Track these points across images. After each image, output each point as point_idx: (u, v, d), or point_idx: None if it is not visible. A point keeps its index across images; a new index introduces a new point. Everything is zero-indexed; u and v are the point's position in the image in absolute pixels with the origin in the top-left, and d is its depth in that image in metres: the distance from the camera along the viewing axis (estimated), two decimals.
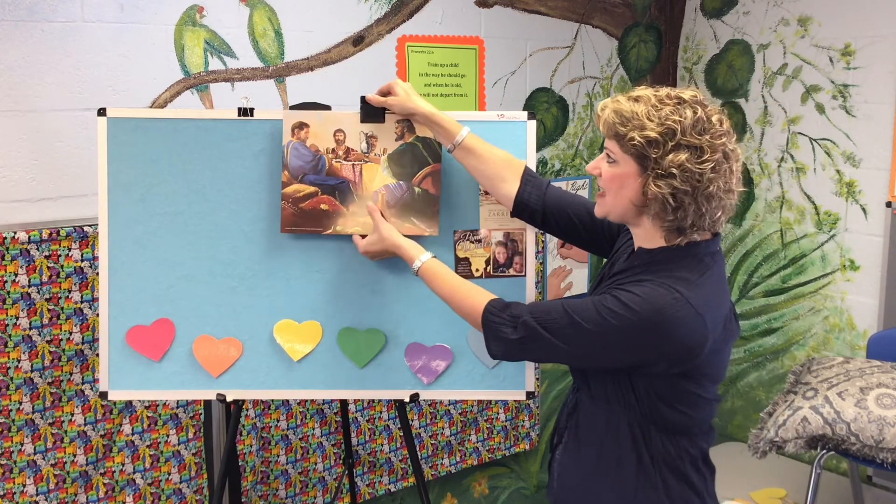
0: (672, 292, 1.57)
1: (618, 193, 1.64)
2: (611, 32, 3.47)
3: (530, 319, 1.67)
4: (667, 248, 1.64)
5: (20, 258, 2.25)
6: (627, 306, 1.56)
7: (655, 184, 1.57)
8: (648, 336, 1.56)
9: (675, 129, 1.55)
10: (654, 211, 1.61)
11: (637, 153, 1.58)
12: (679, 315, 1.55)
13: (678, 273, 1.60)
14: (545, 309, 1.67)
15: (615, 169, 1.63)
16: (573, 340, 1.62)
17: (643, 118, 1.57)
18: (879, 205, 3.17)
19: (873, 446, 2.47)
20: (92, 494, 2.44)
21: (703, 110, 1.58)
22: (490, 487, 3.37)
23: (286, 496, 2.79)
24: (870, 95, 3.15)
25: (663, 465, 1.68)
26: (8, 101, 2.24)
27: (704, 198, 1.57)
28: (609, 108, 1.63)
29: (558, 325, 1.63)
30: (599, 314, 1.59)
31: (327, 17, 2.72)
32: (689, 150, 1.55)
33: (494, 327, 1.72)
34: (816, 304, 3.38)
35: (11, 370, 2.27)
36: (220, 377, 2.15)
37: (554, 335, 1.63)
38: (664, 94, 1.60)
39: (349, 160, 2.07)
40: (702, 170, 1.55)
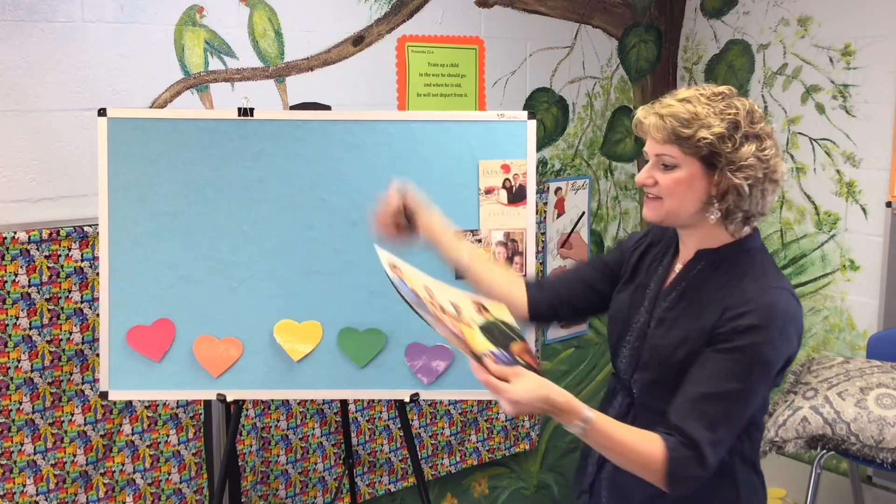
0: (780, 291, 1.59)
1: (684, 196, 1.62)
2: (611, 32, 3.46)
3: (703, 436, 1.54)
4: (731, 245, 1.66)
5: (20, 258, 2.25)
6: (760, 327, 1.55)
7: (735, 176, 1.58)
8: (787, 340, 1.58)
9: (737, 122, 1.59)
10: (728, 203, 1.61)
11: (707, 152, 1.58)
12: (795, 308, 1.60)
13: (764, 268, 1.64)
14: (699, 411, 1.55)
15: (677, 174, 1.61)
16: (745, 405, 1.58)
17: (705, 117, 1.58)
18: (879, 205, 3.17)
19: (873, 446, 2.47)
20: (92, 494, 2.44)
21: (747, 102, 1.64)
22: (490, 487, 3.37)
23: (286, 496, 2.79)
24: (870, 95, 3.15)
25: (738, 457, 1.68)
26: (8, 101, 2.23)
27: (771, 182, 1.62)
28: (661, 114, 1.60)
29: (724, 413, 1.56)
30: (746, 359, 1.55)
31: (327, 17, 2.72)
32: (754, 139, 1.60)
33: (682, 466, 1.54)
34: (816, 304, 3.38)
35: (11, 370, 2.27)
36: (220, 377, 2.15)
37: (728, 423, 1.56)
38: (709, 92, 1.62)
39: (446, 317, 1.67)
40: (768, 156, 1.60)
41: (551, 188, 3.31)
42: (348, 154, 2.17)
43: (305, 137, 2.15)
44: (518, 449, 3.33)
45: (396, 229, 1.86)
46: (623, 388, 1.78)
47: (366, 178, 2.17)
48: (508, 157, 2.20)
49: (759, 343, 1.55)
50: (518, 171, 2.21)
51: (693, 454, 1.53)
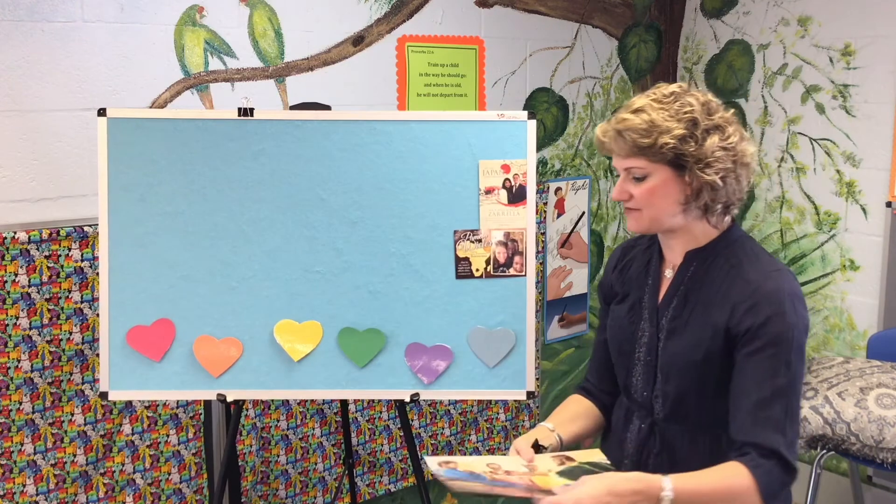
0: (780, 273, 1.61)
1: (662, 202, 1.63)
2: (611, 32, 3.46)
3: (777, 442, 1.53)
4: (717, 241, 1.67)
5: (20, 258, 2.25)
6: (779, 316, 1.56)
7: (705, 173, 1.58)
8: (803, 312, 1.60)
9: (695, 119, 1.59)
10: (704, 200, 1.61)
11: (672, 157, 1.59)
12: (797, 284, 1.62)
13: (757, 255, 1.65)
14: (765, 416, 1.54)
15: (649, 183, 1.62)
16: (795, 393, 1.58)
17: (662, 122, 1.58)
18: (879, 205, 3.16)
19: (873, 446, 2.47)
20: (92, 494, 2.44)
21: (700, 94, 1.63)
22: None
23: (286, 496, 2.79)
24: (870, 95, 3.15)
25: None
26: (8, 101, 2.23)
27: (742, 167, 1.62)
28: (618, 129, 1.61)
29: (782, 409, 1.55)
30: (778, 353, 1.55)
31: (327, 17, 2.72)
32: (714, 131, 1.60)
33: (777, 486, 1.55)
34: (816, 304, 3.38)
35: (11, 370, 2.27)
36: (220, 377, 2.15)
37: (791, 416, 1.56)
38: (659, 95, 1.62)
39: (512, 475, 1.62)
40: (733, 143, 1.60)
41: (551, 188, 3.31)
42: (348, 154, 2.17)
43: (305, 137, 2.15)
44: None
45: None
46: (640, 409, 1.73)
47: (366, 178, 2.17)
48: (508, 157, 2.20)
49: (783, 331, 1.56)
50: (518, 171, 2.21)
51: (776, 463, 1.53)
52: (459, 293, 2.20)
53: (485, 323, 2.21)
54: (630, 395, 1.76)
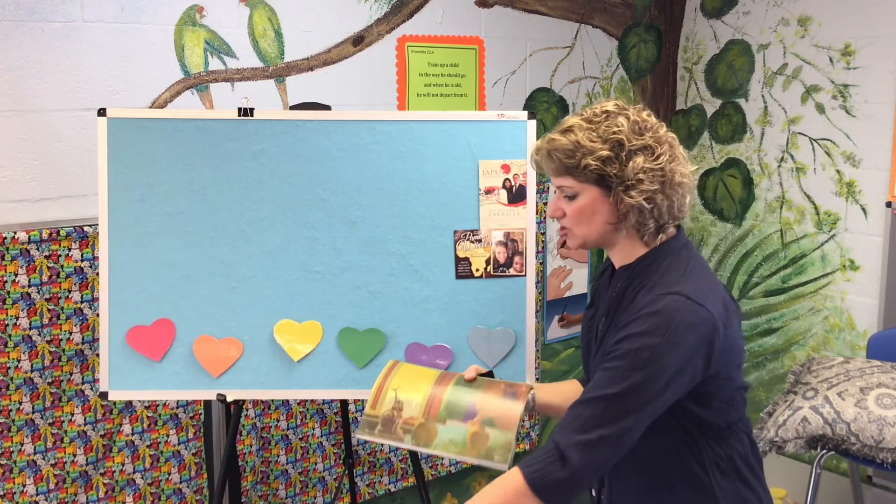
0: (669, 297, 1.55)
1: (591, 221, 1.64)
2: (611, 32, 3.47)
3: (568, 439, 1.52)
4: (644, 256, 1.64)
5: (20, 258, 2.25)
6: (643, 334, 1.52)
7: (628, 195, 1.58)
8: (677, 349, 1.52)
9: (620, 140, 1.58)
10: (632, 221, 1.61)
11: (596, 177, 1.59)
12: (688, 314, 1.53)
13: (664, 274, 1.60)
14: (572, 416, 1.54)
15: (578, 202, 1.63)
16: (622, 411, 1.52)
17: (587, 143, 1.58)
18: (879, 205, 3.17)
19: (873, 446, 2.47)
20: (92, 494, 2.44)
21: (633, 113, 1.62)
22: None
23: (286, 496, 2.79)
24: (870, 95, 3.15)
25: (716, 471, 1.65)
26: (8, 101, 2.24)
27: (673, 187, 1.60)
28: (547, 149, 1.62)
29: (597, 415, 1.52)
30: (624, 367, 1.52)
31: (327, 17, 2.72)
32: (641, 152, 1.58)
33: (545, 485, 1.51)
34: (816, 304, 3.38)
35: (11, 370, 2.27)
36: (220, 377, 2.15)
37: (602, 426, 1.51)
38: (591, 114, 1.62)
39: None
40: (661, 164, 1.58)
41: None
42: (348, 154, 2.17)
43: (305, 137, 2.15)
44: (518, 449, 3.33)
45: None
46: None
47: (366, 178, 2.17)
48: (508, 157, 2.20)
49: (637, 349, 1.51)
50: (518, 171, 2.21)
51: (555, 457, 1.50)
52: (459, 293, 2.20)
53: (485, 323, 2.21)
54: None
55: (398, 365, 1.89)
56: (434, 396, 1.73)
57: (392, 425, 1.69)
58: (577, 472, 1.49)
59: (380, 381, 1.82)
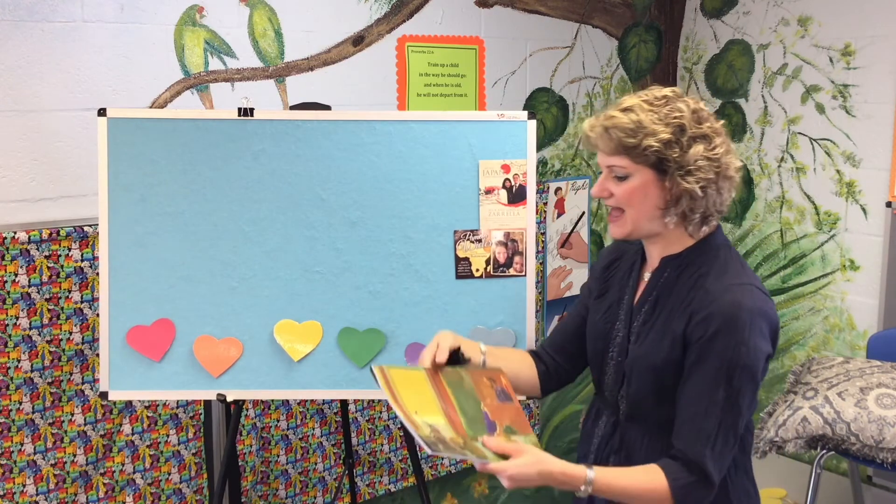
0: (742, 287, 1.58)
1: (642, 205, 1.63)
2: (611, 32, 3.47)
3: (702, 454, 1.56)
4: (693, 248, 1.66)
5: (20, 258, 2.25)
6: (728, 331, 1.54)
7: (685, 180, 1.58)
8: (761, 335, 1.56)
9: (683, 125, 1.58)
10: (681, 208, 1.61)
11: (654, 159, 1.58)
12: (762, 303, 1.58)
13: (726, 266, 1.63)
14: (697, 428, 1.57)
15: (630, 183, 1.62)
16: (737, 411, 1.57)
17: (649, 124, 1.57)
18: (879, 205, 3.16)
19: (873, 446, 2.47)
20: (92, 494, 2.44)
21: (691, 101, 1.62)
22: (490, 487, 3.37)
23: (286, 496, 2.79)
24: (870, 95, 3.15)
25: (731, 465, 1.66)
26: (8, 101, 2.23)
27: (725, 179, 1.61)
28: (605, 126, 1.61)
29: (718, 423, 1.56)
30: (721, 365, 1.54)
31: (327, 17, 2.72)
32: (701, 140, 1.59)
33: (693, 490, 1.57)
34: (816, 304, 3.38)
35: (11, 370, 2.27)
36: (220, 377, 2.15)
37: (725, 431, 1.56)
38: (651, 97, 1.61)
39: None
40: (718, 154, 1.60)
41: (551, 188, 3.31)
42: (348, 154, 2.17)
43: (305, 137, 2.15)
44: None
45: None
46: (608, 407, 1.77)
47: (366, 178, 2.17)
48: (508, 157, 2.20)
49: (732, 346, 1.54)
50: (518, 171, 2.21)
51: (697, 478, 1.55)
52: (459, 293, 2.20)
53: (485, 323, 2.21)
54: (601, 393, 1.79)
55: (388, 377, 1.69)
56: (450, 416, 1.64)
57: (446, 444, 1.59)
58: (715, 485, 1.57)
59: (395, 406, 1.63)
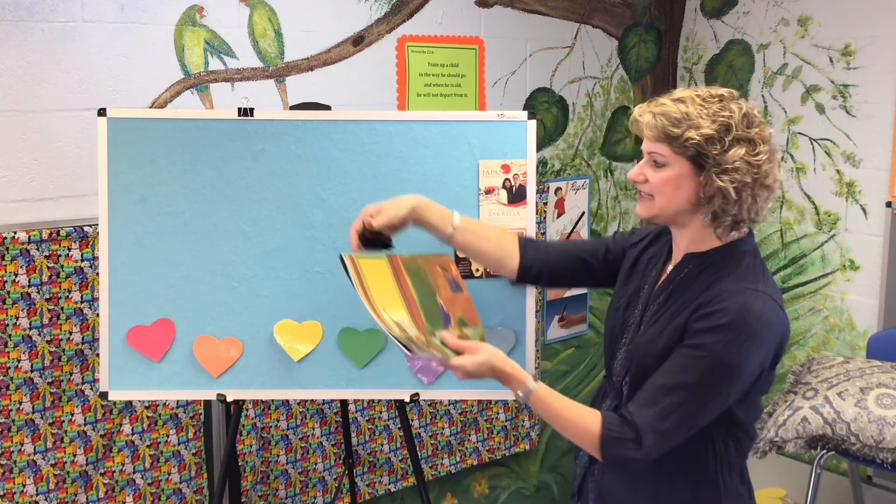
0: (756, 294, 1.58)
1: (673, 195, 1.63)
2: (611, 32, 3.46)
3: (650, 419, 1.57)
4: (719, 249, 1.65)
5: (20, 258, 2.25)
6: (727, 327, 1.55)
7: (720, 179, 1.58)
8: (756, 344, 1.56)
9: (729, 125, 1.58)
10: (714, 206, 1.61)
11: (694, 153, 1.59)
12: (771, 313, 1.58)
13: (746, 272, 1.62)
14: (652, 400, 1.58)
15: (667, 172, 1.62)
16: (700, 402, 1.57)
17: (696, 117, 1.58)
18: (879, 205, 3.16)
19: (873, 446, 2.47)
20: (92, 494, 2.44)
21: (746, 105, 1.62)
22: (490, 487, 3.37)
23: (286, 496, 2.79)
24: (870, 95, 3.15)
25: (725, 466, 1.67)
26: (8, 101, 2.23)
27: (762, 188, 1.60)
28: (652, 112, 1.62)
29: (676, 403, 1.57)
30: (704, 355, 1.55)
31: (327, 17, 2.72)
32: (745, 143, 1.58)
33: (620, 444, 1.59)
34: (816, 304, 3.38)
35: (11, 370, 2.27)
36: (220, 377, 2.15)
37: (680, 415, 1.57)
38: (706, 94, 1.62)
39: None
40: (759, 161, 1.58)
41: (551, 188, 3.31)
42: (348, 154, 2.17)
43: (305, 137, 2.15)
44: (518, 449, 3.33)
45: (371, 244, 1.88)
46: (613, 390, 1.79)
47: (365, 178, 2.17)
48: (508, 157, 2.20)
49: (724, 343, 1.55)
50: (518, 171, 2.21)
51: (632, 436, 1.57)
52: None
53: (485, 323, 2.20)
54: (610, 377, 1.81)
55: (359, 267, 1.79)
56: (411, 311, 1.75)
57: (414, 344, 1.71)
58: (647, 455, 1.57)
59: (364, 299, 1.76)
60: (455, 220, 1.89)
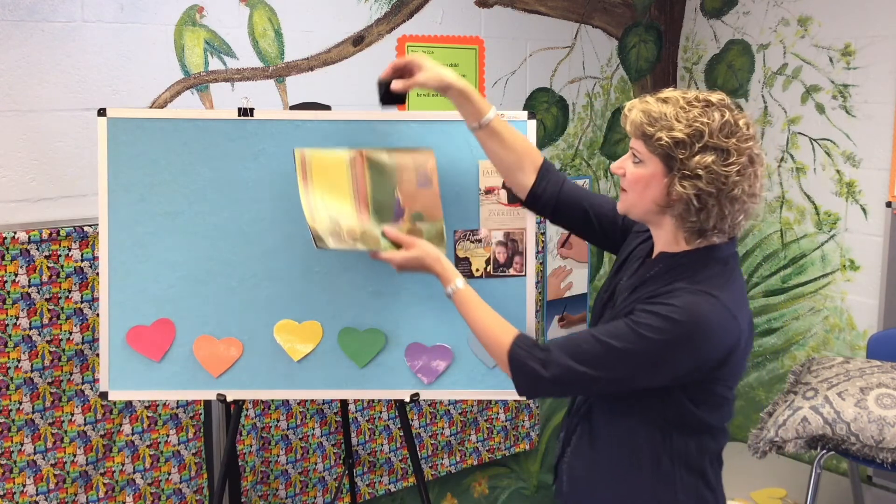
0: (708, 297, 1.58)
1: (642, 193, 1.64)
2: (611, 32, 3.47)
3: (560, 355, 1.63)
4: (690, 252, 1.65)
5: (20, 258, 2.25)
6: (668, 318, 1.56)
7: (681, 184, 1.58)
8: (691, 345, 1.57)
9: (702, 131, 1.56)
10: (677, 212, 1.61)
11: (664, 154, 1.59)
12: (718, 319, 1.57)
13: (709, 276, 1.62)
14: (575, 341, 1.64)
15: (641, 169, 1.63)
16: (610, 366, 1.60)
17: (671, 119, 1.58)
18: (879, 205, 3.17)
19: (873, 446, 2.47)
20: (92, 494, 2.44)
21: (730, 114, 1.59)
22: (490, 487, 3.37)
23: (286, 496, 2.79)
24: (870, 95, 3.15)
25: (682, 464, 1.68)
26: (8, 101, 2.24)
27: (728, 200, 1.58)
28: (637, 109, 1.63)
29: (591, 355, 1.61)
30: (637, 332, 1.57)
31: (327, 17, 2.72)
32: (715, 152, 1.56)
33: (522, 364, 1.67)
34: (816, 304, 3.38)
35: (11, 370, 2.27)
36: (220, 377, 2.15)
37: (588, 366, 1.60)
38: (692, 97, 1.61)
39: None
40: (727, 172, 1.56)
41: None
42: None
43: (305, 137, 2.15)
44: (518, 449, 3.33)
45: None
46: None
47: None
48: None
49: (657, 330, 1.56)
50: None
51: (541, 357, 1.64)
52: None
53: None
54: None
55: (307, 159, 1.97)
56: (358, 203, 1.92)
57: (340, 236, 1.91)
58: (545, 383, 1.64)
59: (301, 190, 1.94)
60: (485, 118, 1.92)
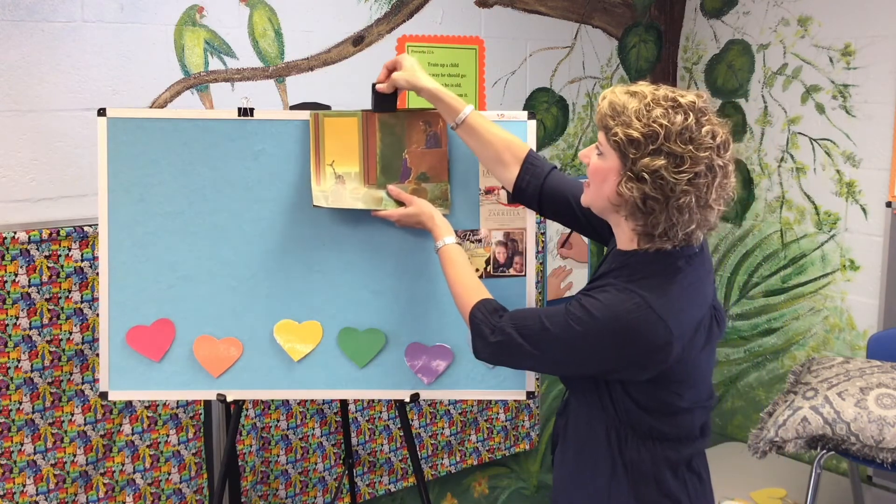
0: (633, 297, 1.55)
1: (599, 186, 1.60)
2: (611, 32, 3.47)
3: (508, 324, 1.68)
4: (639, 252, 1.60)
5: (20, 258, 2.25)
6: (589, 312, 1.57)
7: (626, 185, 1.53)
8: (608, 342, 1.56)
9: (658, 133, 1.48)
10: (626, 212, 1.57)
11: (618, 149, 1.54)
12: (639, 320, 1.53)
13: (646, 278, 1.57)
14: (524, 315, 1.69)
15: (601, 161, 1.59)
16: (544, 347, 1.63)
17: (632, 115, 1.51)
18: (879, 205, 3.17)
19: (873, 446, 2.47)
20: (92, 494, 2.44)
21: (695, 118, 1.50)
22: (490, 487, 3.37)
23: (286, 496, 2.79)
24: (870, 95, 3.15)
25: (636, 471, 1.65)
26: (8, 101, 2.24)
27: (676, 209, 1.51)
28: (607, 99, 1.58)
29: (531, 331, 1.64)
30: (566, 320, 1.59)
31: (327, 17, 2.72)
32: (668, 157, 1.49)
33: (477, 327, 1.75)
34: (816, 304, 3.38)
35: (11, 370, 2.27)
36: (220, 377, 2.15)
37: (527, 341, 1.64)
38: (662, 95, 1.53)
39: None
40: (677, 180, 1.48)
41: None
42: None
43: (305, 137, 2.15)
44: (518, 449, 3.33)
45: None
46: None
47: None
48: None
49: (577, 319, 1.58)
50: None
51: (493, 322, 1.71)
52: None
53: None
54: None
55: (321, 124, 2.10)
56: (366, 164, 2.07)
57: (342, 196, 2.05)
58: (489, 347, 1.72)
59: (313, 153, 2.08)
60: (460, 116, 1.98)
